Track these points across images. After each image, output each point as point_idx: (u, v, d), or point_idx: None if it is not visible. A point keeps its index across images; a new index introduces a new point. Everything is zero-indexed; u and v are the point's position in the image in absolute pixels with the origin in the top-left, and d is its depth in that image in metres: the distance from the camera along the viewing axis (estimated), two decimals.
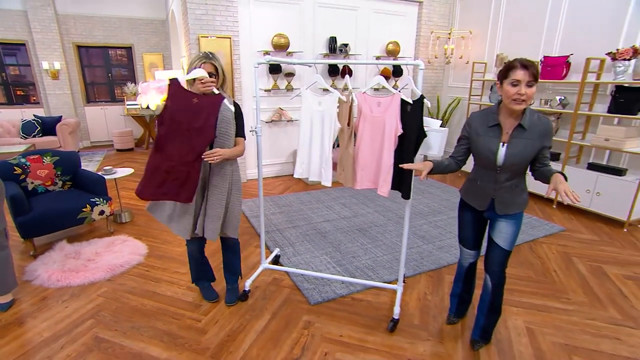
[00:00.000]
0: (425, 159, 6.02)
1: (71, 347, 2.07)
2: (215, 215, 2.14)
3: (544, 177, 1.73)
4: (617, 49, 3.77)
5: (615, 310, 2.47)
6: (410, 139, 2.05)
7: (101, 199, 3.39)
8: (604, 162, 4.21)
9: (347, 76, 2.34)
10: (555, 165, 4.29)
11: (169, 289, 2.65)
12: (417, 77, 2.07)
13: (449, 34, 6.10)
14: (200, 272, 2.51)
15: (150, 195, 2.01)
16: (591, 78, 4.15)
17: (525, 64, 1.58)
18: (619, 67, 3.78)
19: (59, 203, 3.20)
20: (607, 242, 3.50)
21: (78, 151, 7.31)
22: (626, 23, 3.98)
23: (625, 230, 3.76)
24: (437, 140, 2.09)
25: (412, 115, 2.03)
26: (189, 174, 1.97)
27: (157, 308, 2.44)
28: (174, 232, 2.19)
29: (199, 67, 1.96)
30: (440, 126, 2.14)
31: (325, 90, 2.38)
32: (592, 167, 4.07)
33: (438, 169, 1.88)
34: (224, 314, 2.38)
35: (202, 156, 1.94)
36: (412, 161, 2.09)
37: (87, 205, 3.29)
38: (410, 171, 2.08)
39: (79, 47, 7.64)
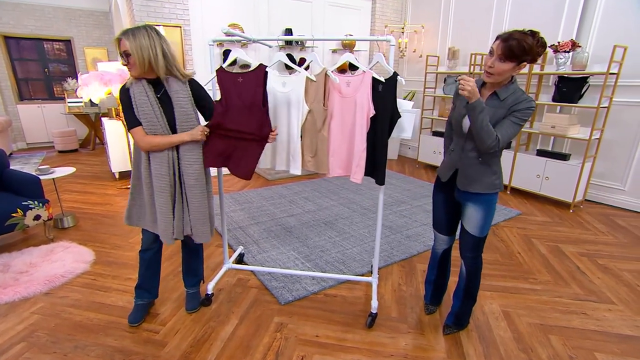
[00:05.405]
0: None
1: None
2: (203, 217, 2.00)
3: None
4: (558, 42, 3.98)
5: (577, 286, 2.56)
6: (384, 120, 1.95)
7: (36, 202, 2.96)
8: (550, 149, 4.45)
9: (313, 53, 2.18)
10: (507, 153, 4.46)
11: (121, 298, 2.35)
12: (388, 57, 1.97)
13: (402, 28, 6.19)
14: (154, 280, 2.20)
15: (211, 162, 2.03)
16: (536, 69, 4.36)
17: (505, 37, 1.51)
18: (561, 58, 4.00)
19: None
20: (558, 222, 3.69)
21: (11, 153, 6.48)
22: (564, 17, 4.22)
23: (571, 211, 3.99)
24: (410, 122, 2.02)
25: (384, 94, 1.94)
26: (247, 149, 2.04)
27: (106, 322, 2.14)
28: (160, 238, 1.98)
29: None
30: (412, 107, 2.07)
31: (290, 69, 2.22)
32: (540, 153, 4.28)
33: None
34: (185, 323, 2.14)
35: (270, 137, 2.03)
36: (386, 145, 1.99)
37: (18, 210, 2.84)
38: (384, 156, 2.00)
39: (5, 37, 6.76)
